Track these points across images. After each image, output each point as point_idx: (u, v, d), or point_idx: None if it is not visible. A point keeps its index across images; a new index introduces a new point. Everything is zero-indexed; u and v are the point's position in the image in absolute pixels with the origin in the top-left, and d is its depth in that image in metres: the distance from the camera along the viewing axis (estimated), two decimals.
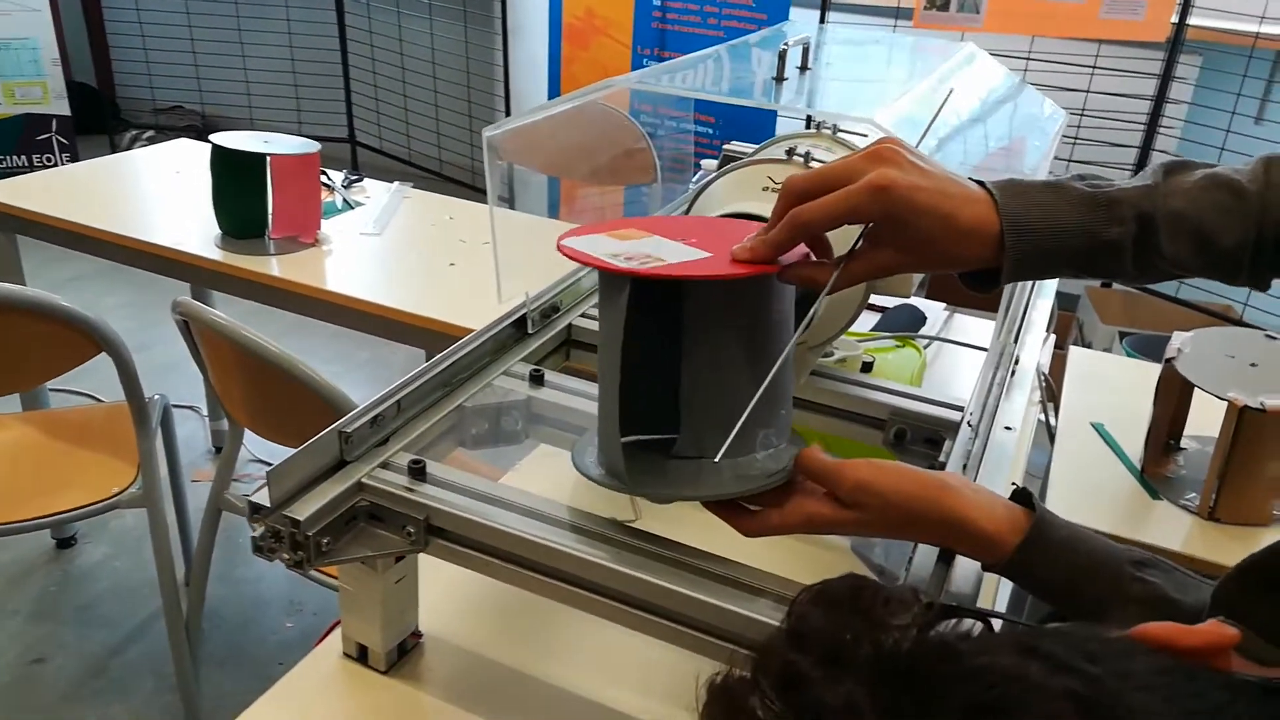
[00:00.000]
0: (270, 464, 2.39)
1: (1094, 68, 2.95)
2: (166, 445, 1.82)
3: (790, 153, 0.86)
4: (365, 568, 0.79)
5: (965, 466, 0.81)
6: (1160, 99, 2.93)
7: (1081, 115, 2.89)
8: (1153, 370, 1.55)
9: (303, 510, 0.70)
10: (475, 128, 3.98)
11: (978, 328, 1.54)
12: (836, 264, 0.65)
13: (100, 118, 4.48)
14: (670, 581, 0.66)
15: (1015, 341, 0.97)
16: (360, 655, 0.85)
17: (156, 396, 1.68)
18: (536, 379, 0.90)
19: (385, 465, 0.76)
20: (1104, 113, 2.98)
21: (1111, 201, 0.64)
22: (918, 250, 0.63)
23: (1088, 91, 2.95)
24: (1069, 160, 3.01)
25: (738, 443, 0.68)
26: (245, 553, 2.21)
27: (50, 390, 2.19)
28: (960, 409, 0.89)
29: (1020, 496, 0.68)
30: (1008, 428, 0.86)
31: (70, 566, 2.14)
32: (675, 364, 0.71)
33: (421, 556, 0.82)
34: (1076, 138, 2.95)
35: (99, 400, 2.42)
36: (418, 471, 0.75)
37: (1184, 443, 1.32)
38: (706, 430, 0.72)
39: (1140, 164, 3.04)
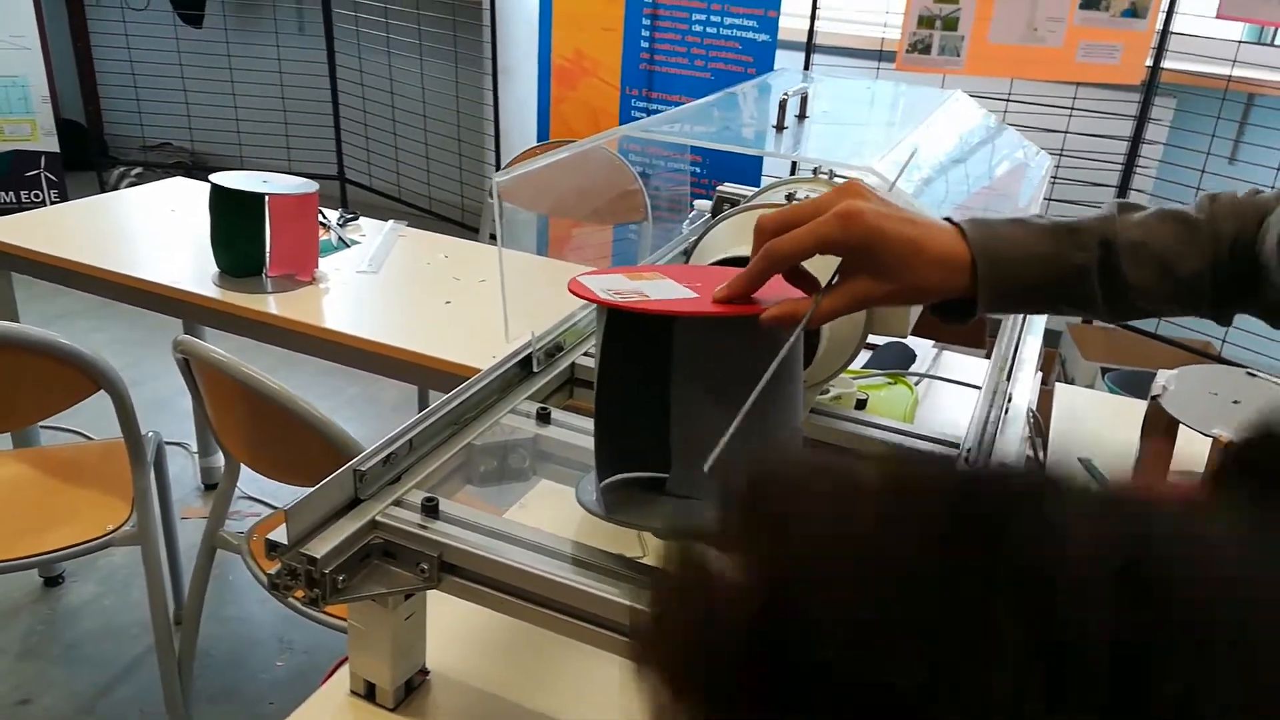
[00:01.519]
0: (263, 501, 2.38)
1: (1071, 110, 3.03)
2: (159, 483, 1.81)
3: (790, 198, 0.88)
4: (376, 605, 0.80)
5: None
6: (1136, 140, 3.01)
7: (1060, 155, 2.96)
8: (1137, 406, 1.59)
9: (319, 548, 0.71)
10: (465, 165, 4.02)
11: (966, 364, 1.57)
12: (814, 299, 0.67)
13: (88, 154, 4.49)
14: None
15: (1008, 379, 0.99)
16: (368, 693, 0.85)
17: (151, 434, 1.68)
18: (543, 417, 0.92)
19: (398, 503, 0.78)
20: (1082, 153, 3.05)
21: (1073, 230, 0.67)
22: (891, 277, 0.65)
23: (1065, 133, 3.02)
24: (1049, 199, 3.07)
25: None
26: (235, 590, 2.20)
27: (39, 427, 2.19)
28: (955, 445, 0.92)
29: None
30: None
31: (58, 605, 2.12)
32: (663, 402, 0.73)
33: (429, 593, 0.83)
34: (1055, 178, 3.01)
35: (88, 437, 2.41)
36: (431, 509, 0.76)
37: (1170, 478, 1.35)
38: (696, 469, 0.74)
39: (1123, 185, 3.11)
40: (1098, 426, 1.52)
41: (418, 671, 0.87)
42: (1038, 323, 1.18)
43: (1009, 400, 0.98)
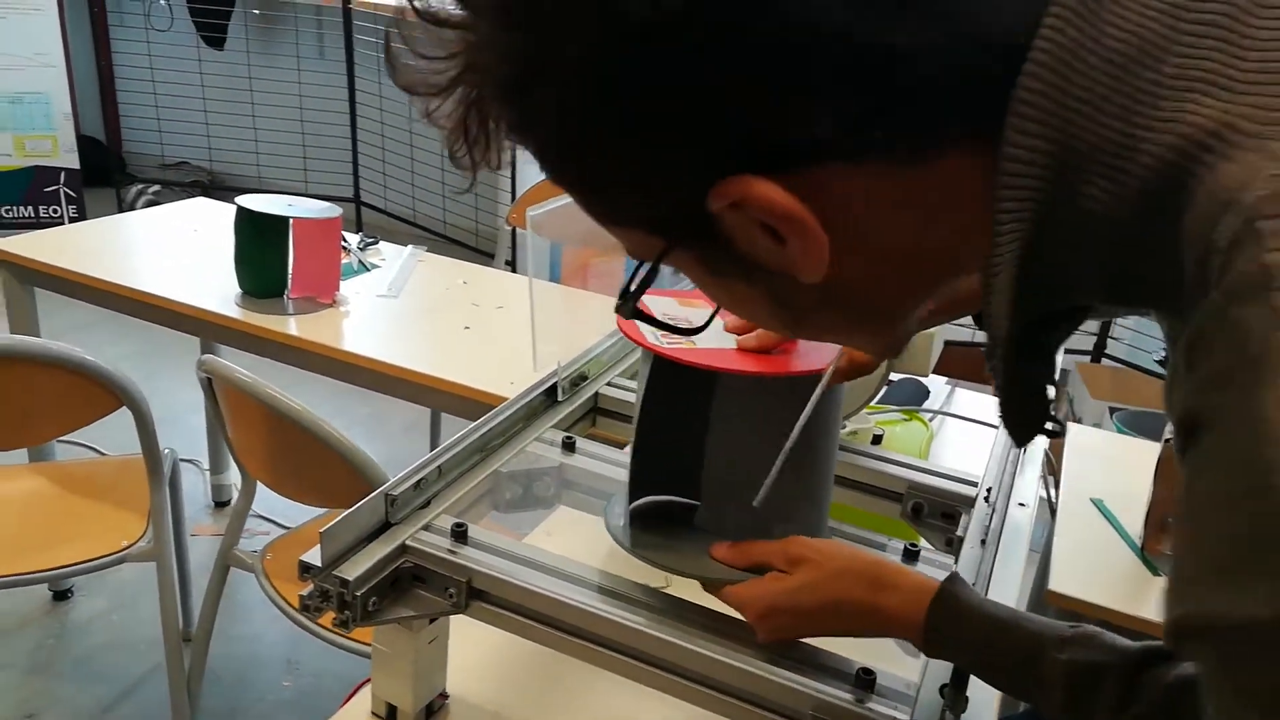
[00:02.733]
0: (272, 520, 2.37)
1: None
2: (173, 500, 1.83)
3: None
4: (400, 627, 0.81)
5: (984, 541, 0.84)
6: None
7: None
8: (1148, 447, 1.60)
9: (352, 570, 0.72)
10: (481, 191, 4.06)
11: (979, 401, 1.59)
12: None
13: (107, 171, 4.54)
14: (704, 647, 0.68)
15: None
16: (389, 715, 0.86)
17: (167, 450, 1.70)
18: (568, 446, 0.93)
19: (428, 528, 0.79)
20: None
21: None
22: None
23: None
24: None
25: (756, 531, 0.72)
26: (243, 610, 2.20)
27: (54, 441, 2.20)
28: (973, 483, 0.93)
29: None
30: (1021, 504, 0.90)
31: (66, 619, 2.13)
32: (699, 441, 0.74)
33: (451, 618, 0.84)
34: None
35: (100, 452, 2.42)
36: (460, 535, 0.77)
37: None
38: (725, 510, 0.76)
39: None
40: (1111, 467, 1.53)
41: (438, 695, 0.88)
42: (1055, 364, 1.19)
43: None
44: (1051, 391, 0.48)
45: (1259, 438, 0.30)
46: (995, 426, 1.01)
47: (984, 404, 1.57)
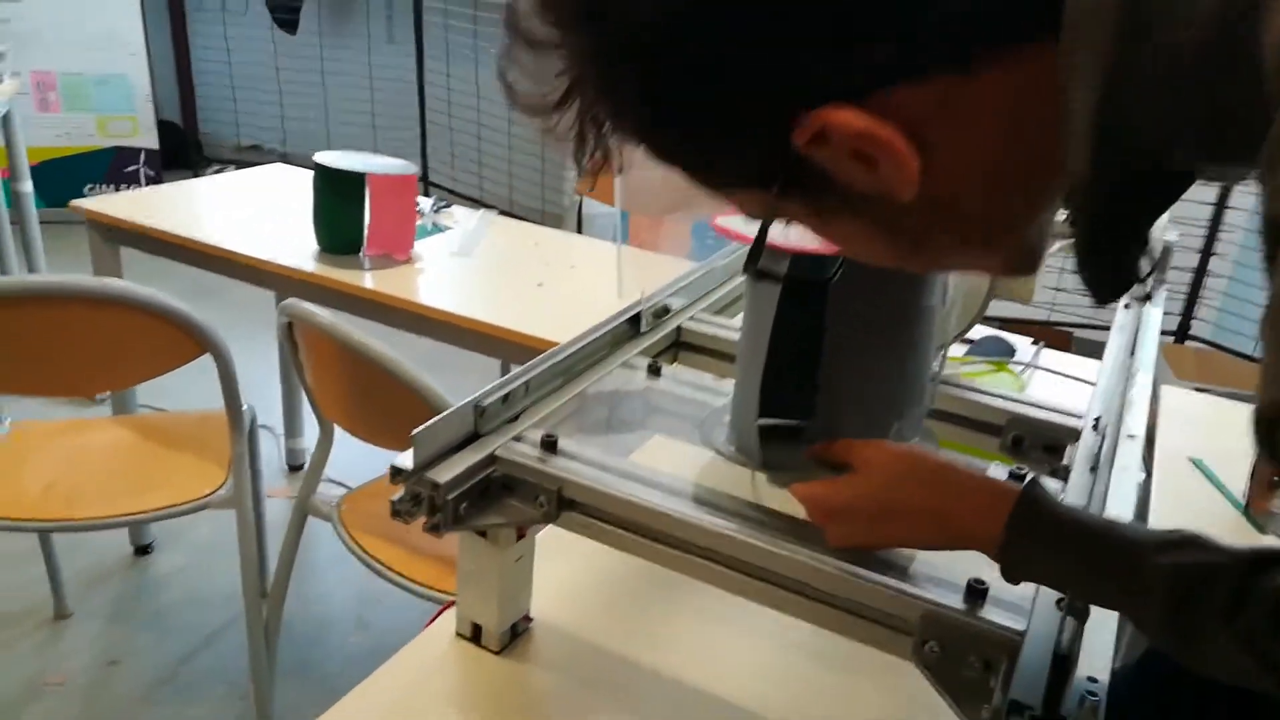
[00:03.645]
0: (343, 484, 2.42)
1: None
2: (250, 457, 1.85)
3: None
4: (486, 545, 0.80)
5: (1094, 469, 0.80)
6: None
7: None
8: (1246, 408, 1.53)
9: (443, 474, 0.71)
10: (548, 169, 4.07)
11: (1068, 360, 1.54)
12: None
13: (184, 153, 4.65)
14: (802, 554, 0.66)
15: (1132, 355, 0.96)
16: (474, 635, 0.85)
17: (246, 407, 1.72)
18: (654, 371, 0.92)
19: (518, 439, 0.78)
20: None
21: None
22: None
23: None
24: None
25: (871, 432, 0.69)
26: (315, 570, 2.23)
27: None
28: (1078, 416, 0.89)
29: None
30: (1131, 435, 0.85)
31: (146, 573, 2.18)
32: (817, 349, 0.72)
33: (536, 548, 0.83)
34: None
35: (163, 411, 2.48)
36: (550, 445, 0.76)
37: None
38: (842, 416, 0.73)
39: (1216, 217, 3.02)
40: (1208, 428, 1.47)
41: (523, 618, 0.87)
42: (1158, 303, 1.14)
43: (1132, 377, 0.95)
44: (1144, 264, 0.45)
45: None
46: (1091, 383, 0.96)
47: (1074, 362, 1.52)
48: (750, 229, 0.72)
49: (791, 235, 0.74)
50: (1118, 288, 0.45)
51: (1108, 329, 1.09)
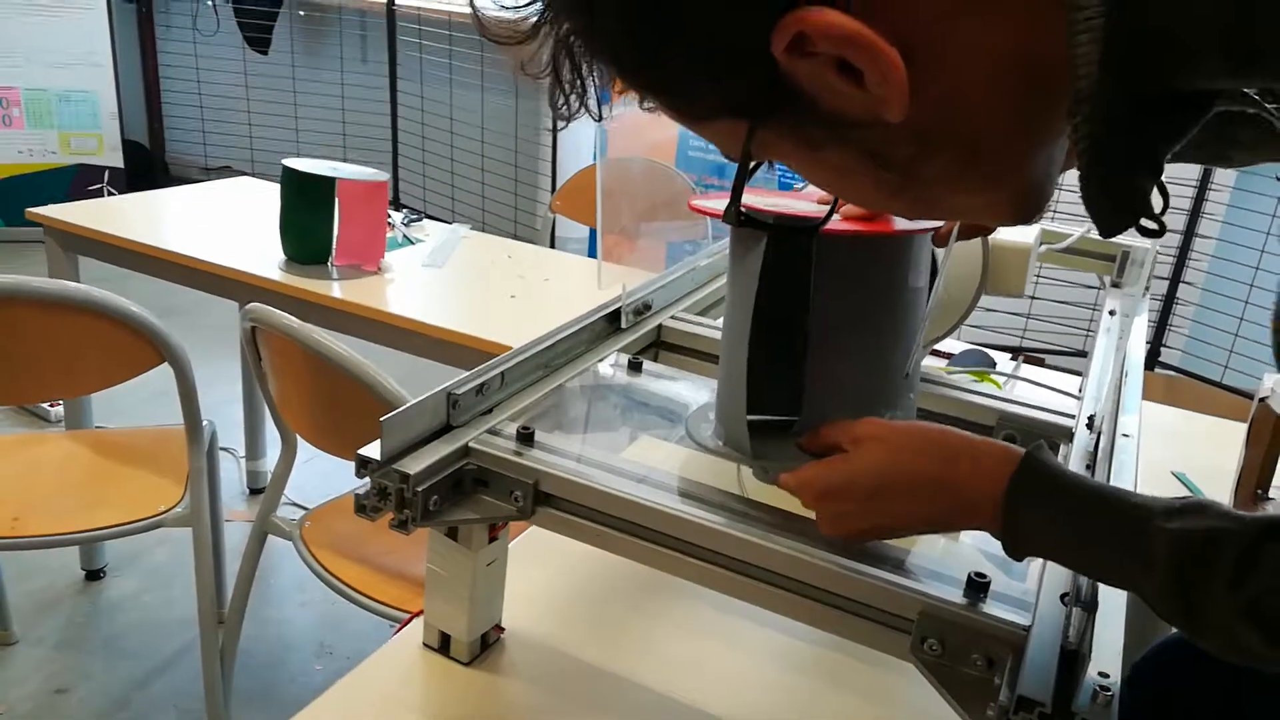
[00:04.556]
0: (307, 508, 2.35)
1: None
2: (209, 472, 1.79)
3: None
4: (457, 547, 0.76)
5: (1090, 466, 0.78)
6: (1204, 184, 2.95)
7: None
8: (1228, 425, 1.52)
9: (412, 465, 0.67)
10: (521, 192, 4.05)
11: (1045, 375, 1.52)
12: None
13: (151, 174, 4.58)
14: (791, 548, 0.62)
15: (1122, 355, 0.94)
16: (442, 645, 0.81)
17: (206, 423, 1.66)
18: (635, 366, 0.88)
19: (492, 432, 0.74)
20: None
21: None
22: None
23: None
24: None
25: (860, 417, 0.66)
26: (275, 593, 2.16)
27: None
28: (1070, 416, 0.87)
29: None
30: (1125, 435, 0.83)
31: (98, 599, 2.09)
32: (801, 335, 0.69)
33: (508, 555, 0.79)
34: None
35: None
36: (526, 437, 0.72)
37: (1272, 493, 1.27)
38: (829, 409, 0.70)
39: (1185, 247, 3.05)
40: (1188, 443, 1.45)
41: (494, 627, 0.83)
42: (1142, 309, 1.13)
43: (1124, 376, 0.93)
44: (1156, 197, 0.42)
45: None
46: (1076, 396, 0.93)
47: (1057, 379, 1.50)
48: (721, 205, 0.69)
49: (773, 202, 0.71)
50: (1124, 218, 0.41)
51: (1081, 354, 1.07)
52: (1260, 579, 0.47)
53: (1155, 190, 0.41)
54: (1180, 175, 2.95)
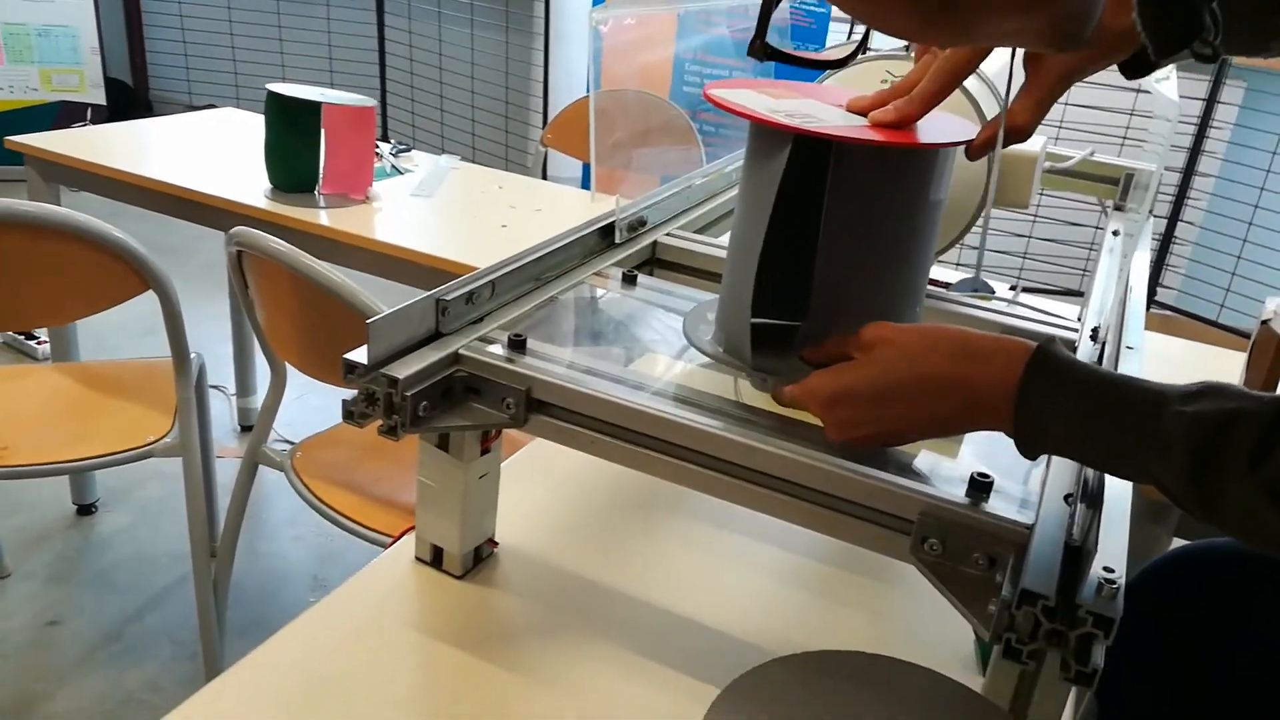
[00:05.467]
0: (293, 442, 2.34)
1: (1137, 90, 2.94)
2: (198, 404, 1.77)
3: (908, 47, 0.82)
4: (449, 459, 0.74)
5: None
6: (1204, 123, 2.92)
7: (1124, 138, 2.87)
8: (1227, 354, 1.51)
9: (401, 370, 0.65)
10: (511, 129, 3.98)
11: (1045, 304, 1.50)
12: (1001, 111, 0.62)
13: (134, 111, 4.49)
14: (789, 450, 0.61)
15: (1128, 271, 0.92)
16: (434, 559, 0.80)
17: (194, 354, 1.64)
18: (629, 280, 0.86)
19: (483, 339, 0.72)
20: (1149, 133, 2.96)
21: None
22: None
23: (1131, 113, 2.93)
24: None
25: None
26: (268, 528, 2.15)
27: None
28: (1074, 329, 0.85)
29: None
30: (1129, 347, 0.82)
31: (90, 533, 2.08)
32: (813, 243, 0.67)
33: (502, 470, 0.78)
34: (1121, 154, 2.93)
35: None
36: (518, 344, 0.70)
37: None
38: (834, 319, 0.68)
39: (1183, 186, 3.02)
40: (1185, 371, 1.44)
41: (487, 541, 0.82)
42: (1144, 244, 1.11)
43: (1129, 291, 0.91)
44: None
45: None
46: (1075, 329, 0.91)
47: (1057, 307, 1.49)
48: (739, 100, 0.67)
49: (797, 105, 0.69)
50: (1178, 36, 0.39)
51: (1077, 294, 1.05)
52: (1277, 458, 0.45)
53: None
54: (1182, 115, 2.92)
